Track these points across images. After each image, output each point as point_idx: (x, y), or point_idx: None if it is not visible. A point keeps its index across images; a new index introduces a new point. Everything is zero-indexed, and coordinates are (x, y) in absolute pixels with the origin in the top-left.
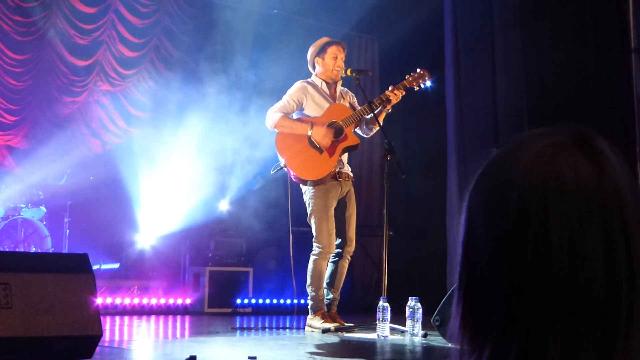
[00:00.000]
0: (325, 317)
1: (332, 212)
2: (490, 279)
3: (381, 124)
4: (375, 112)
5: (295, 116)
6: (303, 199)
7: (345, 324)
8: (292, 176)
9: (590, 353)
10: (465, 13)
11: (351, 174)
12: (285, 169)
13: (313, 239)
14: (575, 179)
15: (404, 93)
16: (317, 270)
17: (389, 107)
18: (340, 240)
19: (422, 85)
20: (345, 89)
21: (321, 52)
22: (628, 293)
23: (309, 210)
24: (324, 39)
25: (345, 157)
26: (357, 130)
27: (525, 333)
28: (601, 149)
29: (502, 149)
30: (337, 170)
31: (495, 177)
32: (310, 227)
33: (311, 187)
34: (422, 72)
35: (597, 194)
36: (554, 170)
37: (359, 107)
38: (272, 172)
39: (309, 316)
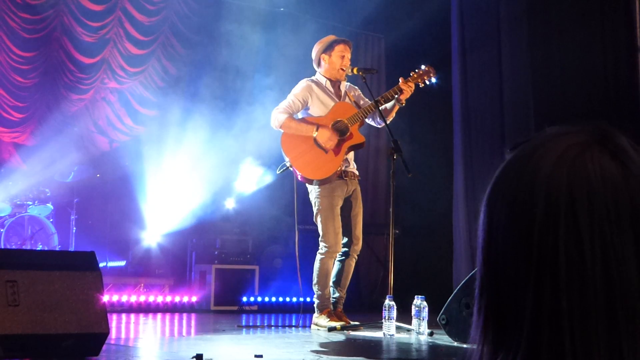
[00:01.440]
0: (331, 316)
1: (338, 211)
2: (519, 284)
3: (392, 118)
4: (380, 109)
5: (300, 115)
6: (309, 198)
7: (351, 323)
8: (298, 176)
9: (637, 354)
10: (471, 10)
11: (357, 173)
12: (291, 169)
13: (319, 238)
14: (601, 179)
15: (413, 86)
16: (324, 269)
17: (403, 100)
18: (347, 239)
19: (427, 82)
20: (349, 84)
21: (328, 49)
22: None
23: (315, 209)
24: (331, 37)
25: (351, 155)
26: (370, 121)
27: (570, 338)
28: (623, 147)
29: (521, 151)
30: (343, 169)
31: (517, 180)
32: (316, 225)
33: (317, 186)
34: (427, 69)
35: (624, 193)
36: (579, 171)
37: (363, 102)
38: (278, 172)
39: (315, 315)
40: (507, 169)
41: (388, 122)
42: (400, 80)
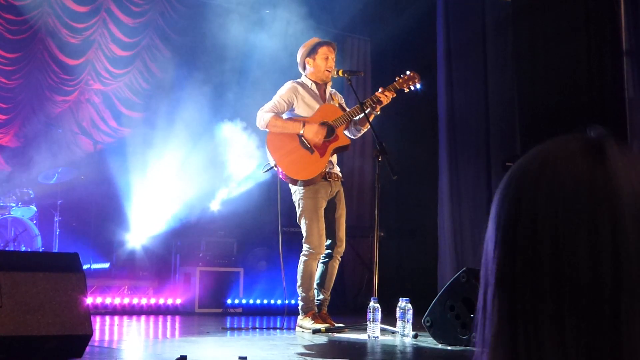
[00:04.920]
0: (316, 318)
1: (322, 212)
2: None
3: (366, 129)
4: (366, 112)
5: (285, 116)
6: (292, 199)
7: (336, 325)
8: (283, 175)
9: (582, 351)
10: (457, 15)
11: (340, 175)
12: (276, 169)
13: (303, 240)
14: (568, 177)
15: (394, 95)
16: (308, 271)
17: (378, 109)
18: (330, 241)
19: (412, 88)
20: (334, 90)
21: (312, 52)
22: (613, 289)
23: (298, 210)
24: (315, 40)
25: (334, 158)
26: (345, 131)
27: (521, 329)
28: (607, 151)
29: (520, 162)
30: (327, 170)
31: (512, 181)
32: (300, 227)
33: (301, 187)
34: (411, 75)
35: (586, 190)
36: (553, 173)
37: (348, 109)
38: (262, 172)
39: (300, 317)
40: (506, 181)
41: (363, 131)
42: (380, 89)
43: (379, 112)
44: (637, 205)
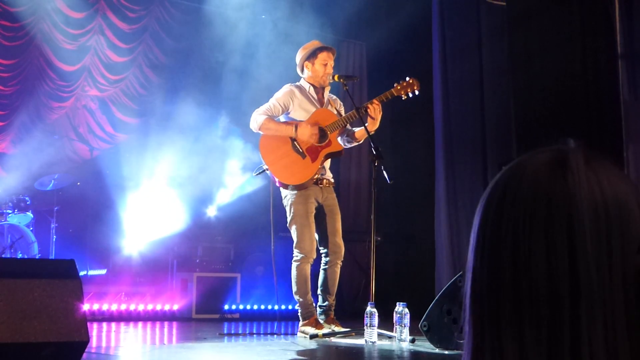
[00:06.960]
0: (318, 324)
1: (313, 218)
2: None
3: (362, 138)
4: (362, 117)
5: (282, 119)
6: (283, 203)
7: (343, 329)
8: (276, 181)
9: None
10: (453, 19)
11: (332, 181)
12: (268, 172)
13: (294, 245)
14: (529, 190)
15: (379, 104)
16: (302, 276)
17: (372, 129)
18: (328, 247)
19: (410, 95)
20: (334, 97)
21: (311, 56)
22: (572, 299)
23: (289, 216)
24: (315, 43)
25: (327, 163)
26: (338, 137)
27: (487, 337)
28: (571, 165)
29: (503, 171)
30: (319, 176)
31: (486, 193)
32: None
33: (292, 191)
34: (410, 81)
35: (544, 203)
36: (517, 185)
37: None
38: (254, 175)
39: (301, 323)
40: (484, 193)
41: (354, 144)
42: (374, 100)
43: (372, 133)
44: (597, 220)
